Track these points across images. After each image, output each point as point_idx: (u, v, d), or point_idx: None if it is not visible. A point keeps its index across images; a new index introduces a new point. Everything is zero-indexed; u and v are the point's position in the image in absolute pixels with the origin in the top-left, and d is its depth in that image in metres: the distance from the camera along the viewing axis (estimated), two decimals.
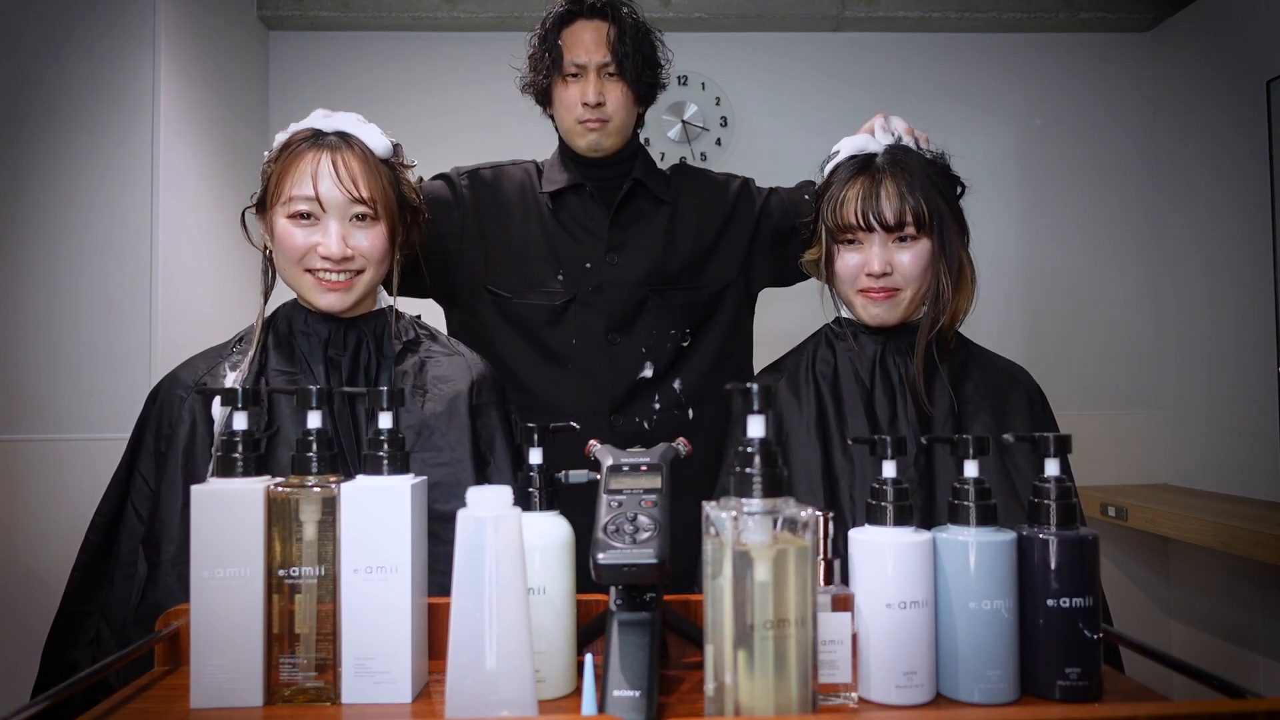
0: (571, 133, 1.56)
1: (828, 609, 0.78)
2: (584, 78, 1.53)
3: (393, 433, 0.82)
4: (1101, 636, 0.79)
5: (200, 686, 0.78)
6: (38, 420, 1.94)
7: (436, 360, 1.22)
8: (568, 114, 1.55)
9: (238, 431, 0.82)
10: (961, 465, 0.82)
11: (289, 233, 1.14)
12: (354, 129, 1.18)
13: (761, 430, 0.72)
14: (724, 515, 0.69)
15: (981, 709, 0.77)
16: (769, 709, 0.68)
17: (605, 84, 1.52)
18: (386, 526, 0.79)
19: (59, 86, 1.97)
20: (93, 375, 1.97)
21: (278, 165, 1.16)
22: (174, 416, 1.13)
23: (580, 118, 1.53)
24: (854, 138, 1.26)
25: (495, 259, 1.56)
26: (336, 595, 0.79)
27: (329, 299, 1.16)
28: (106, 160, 2.00)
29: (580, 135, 1.54)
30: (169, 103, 2.05)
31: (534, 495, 0.83)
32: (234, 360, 1.18)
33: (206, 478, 0.83)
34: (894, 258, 1.19)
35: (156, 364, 1.98)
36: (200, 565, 0.78)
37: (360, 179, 1.14)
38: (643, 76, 1.55)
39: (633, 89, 1.54)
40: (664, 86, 1.63)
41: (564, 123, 1.57)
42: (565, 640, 0.81)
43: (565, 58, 1.53)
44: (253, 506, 0.78)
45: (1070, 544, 0.78)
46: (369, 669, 0.78)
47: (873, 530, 0.80)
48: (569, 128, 1.56)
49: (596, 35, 1.52)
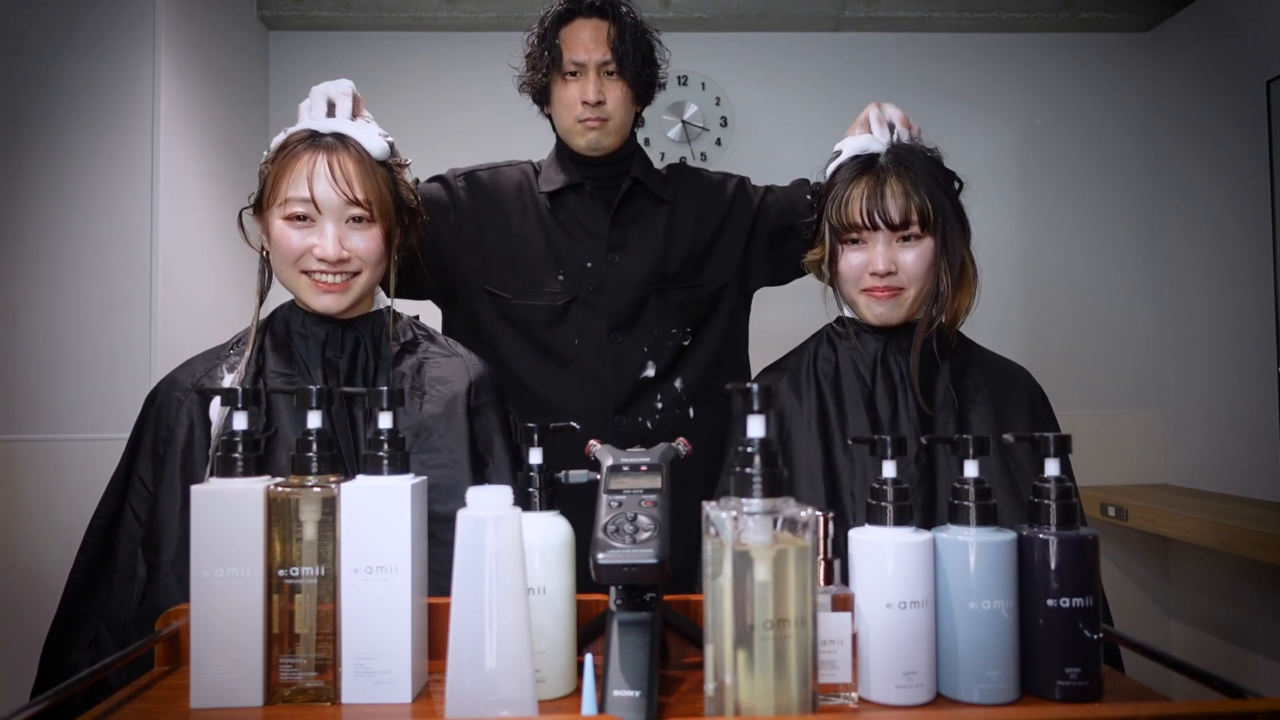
0: (571, 131, 1.56)
1: (828, 609, 0.78)
2: (583, 76, 1.52)
3: (392, 433, 0.82)
4: (1101, 636, 0.79)
5: (200, 686, 0.78)
6: (38, 420, 1.94)
7: (435, 361, 1.22)
8: (567, 113, 1.54)
9: (237, 432, 0.82)
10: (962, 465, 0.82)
11: (285, 234, 1.14)
12: (350, 130, 1.18)
13: (761, 430, 0.72)
14: (724, 515, 0.69)
15: (981, 709, 0.77)
16: (769, 709, 0.68)
17: (605, 82, 1.52)
18: (386, 526, 0.79)
19: (59, 86, 1.97)
20: (93, 375, 1.97)
21: (274, 166, 1.16)
22: (171, 419, 1.13)
23: (580, 116, 1.53)
24: (856, 138, 1.26)
25: (494, 260, 1.56)
26: (336, 595, 0.79)
27: (325, 300, 1.15)
28: (106, 160, 1.99)
29: (580, 134, 1.54)
30: (169, 103, 2.05)
31: (534, 495, 0.83)
32: (231, 362, 1.18)
33: (204, 479, 0.83)
34: (898, 257, 1.19)
35: (156, 364, 1.98)
36: (200, 565, 0.78)
37: (356, 181, 1.13)
38: (642, 75, 1.55)
39: (632, 87, 1.54)
40: (663, 86, 1.63)
41: (563, 121, 1.56)
42: (565, 640, 0.81)
43: (565, 56, 1.53)
44: (253, 506, 0.78)
45: (1070, 544, 0.78)
46: (369, 669, 0.78)
47: (873, 530, 0.80)
48: (568, 126, 1.55)
49: (596, 34, 1.52)
